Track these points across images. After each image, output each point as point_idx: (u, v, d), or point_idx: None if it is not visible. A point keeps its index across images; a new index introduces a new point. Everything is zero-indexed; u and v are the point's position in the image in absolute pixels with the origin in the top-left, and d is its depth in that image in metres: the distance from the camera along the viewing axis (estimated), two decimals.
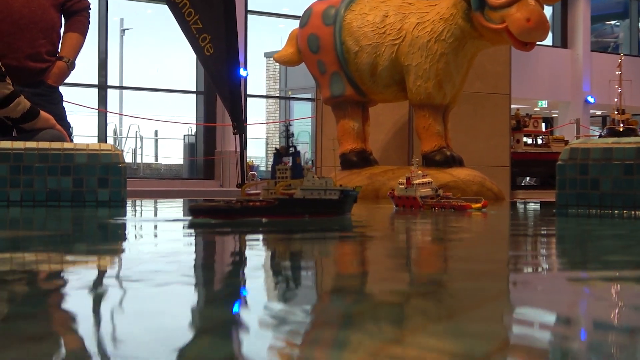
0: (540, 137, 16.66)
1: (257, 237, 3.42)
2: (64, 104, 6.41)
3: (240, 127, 8.57)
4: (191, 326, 1.40)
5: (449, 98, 8.42)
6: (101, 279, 1.99)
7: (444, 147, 8.45)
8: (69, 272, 2.11)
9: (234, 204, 3.79)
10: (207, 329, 1.35)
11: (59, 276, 2.04)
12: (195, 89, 23.69)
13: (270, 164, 4.72)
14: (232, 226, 3.69)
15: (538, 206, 7.36)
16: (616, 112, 21.06)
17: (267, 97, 32.68)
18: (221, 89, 8.80)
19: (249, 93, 24.17)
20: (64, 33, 6.33)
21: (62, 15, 6.31)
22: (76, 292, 1.74)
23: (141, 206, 6.26)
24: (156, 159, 26.25)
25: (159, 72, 28.94)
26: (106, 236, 3.46)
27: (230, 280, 2.03)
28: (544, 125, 18.09)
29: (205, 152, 23.07)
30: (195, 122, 23.55)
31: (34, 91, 5.91)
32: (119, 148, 5.64)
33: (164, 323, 1.39)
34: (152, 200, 8.07)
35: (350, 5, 8.74)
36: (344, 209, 4.03)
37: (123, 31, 28.30)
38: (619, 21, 36.17)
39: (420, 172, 5.43)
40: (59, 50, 6.26)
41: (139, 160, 25.07)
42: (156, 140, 26.60)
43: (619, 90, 22.29)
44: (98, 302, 1.63)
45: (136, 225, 4.10)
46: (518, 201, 9.33)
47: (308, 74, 9.38)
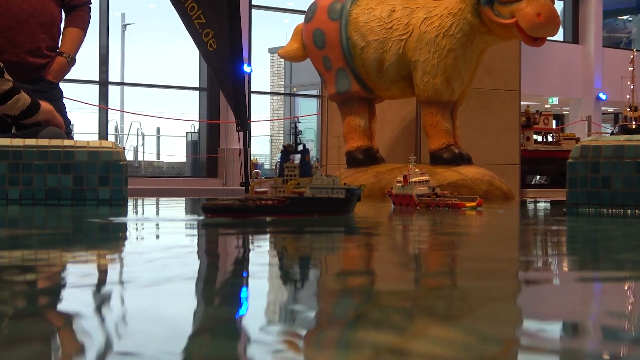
0: (551, 134, 16.65)
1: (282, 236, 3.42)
2: (64, 100, 6.42)
3: (243, 124, 8.57)
4: (196, 325, 1.40)
5: (457, 94, 8.41)
6: (105, 278, 1.99)
7: (452, 144, 8.44)
8: (69, 272, 2.11)
9: (248, 203, 3.82)
10: (209, 328, 1.35)
11: (59, 276, 2.04)
12: (198, 86, 23.70)
13: (274, 162, 4.73)
14: (250, 225, 3.69)
15: (548, 205, 7.35)
16: (628, 109, 21.01)
17: (271, 93, 32.68)
18: (224, 85, 8.80)
19: (253, 89, 24.18)
20: (64, 28, 6.33)
21: (63, 10, 6.31)
22: (76, 291, 1.75)
23: (143, 205, 6.27)
24: (158, 157, 26.27)
25: (161, 68, 28.97)
26: (112, 235, 3.46)
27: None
28: (554, 123, 18.08)
29: (208, 150, 23.08)
30: (198, 119, 23.56)
31: (33, 87, 5.92)
32: (120, 145, 5.64)
33: (167, 322, 1.39)
34: (154, 199, 8.07)
35: (357, 0, 8.74)
36: (349, 208, 4.07)
37: (124, 26, 28.32)
38: (631, 16, 36.12)
39: (418, 170, 5.46)
40: (59, 45, 6.26)
41: (140, 158, 25.08)
42: (158, 138, 26.62)
43: (632, 87, 22.24)
44: (100, 301, 1.63)
45: (151, 224, 4.10)
46: (528, 200, 9.32)
47: (313, 70, 9.38)
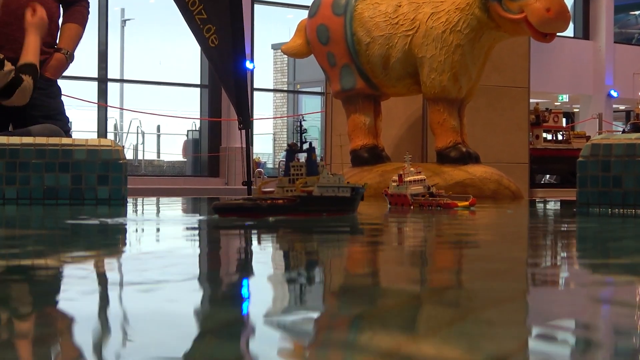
0: (561, 132, 16.62)
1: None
2: (63, 97, 6.42)
3: (246, 122, 8.57)
4: (199, 326, 1.40)
5: (465, 92, 8.41)
6: (105, 280, 2.00)
7: (460, 143, 8.44)
8: (69, 273, 2.12)
9: (260, 202, 3.87)
10: (213, 329, 1.36)
11: (60, 276, 2.05)
12: (199, 83, 23.70)
13: (278, 160, 4.77)
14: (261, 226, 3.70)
15: (558, 205, 7.35)
16: None
17: (274, 90, 32.67)
18: (226, 82, 8.80)
19: (255, 86, 24.17)
20: (62, 24, 6.33)
21: (61, 5, 6.32)
22: (78, 292, 1.75)
23: (143, 204, 6.28)
24: (158, 156, 26.27)
25: (162, 64, 28.98)
26: (112, 237, 3.47)
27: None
28: (564, 121, 18.06)
29: (210, 149, 23.07)
30: (199, 117, 23.56)
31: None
32: (119, 144, 5.65)
33: (170, 322, 1.40)
34: (154, 199, 8.08)
35: None
36: (355, 206, 4.13)
37: (124, 22, 28.32)
38: None
39: (413, 169, 5.49)
40: (57, 41, 6.27)
41: (140, 157, 25.08)
42: (158, 136, 26.62)
43: None
44: (104, 301, 1.64)
45: (152, 225, 4.11)
46: (537, 200, 9.32)
47: (317, 66, 9.38)
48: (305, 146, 4.03)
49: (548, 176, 19.34)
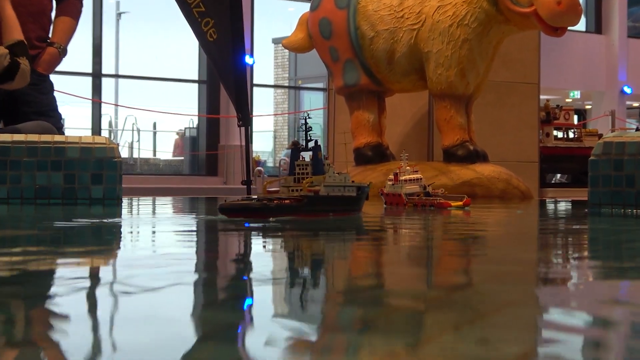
0: (572, 130, 16.60)
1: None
2: (55, 93, 6.43)
3: (245, 119, 8.56)
4: (198, 331, 1.40)
5: (473, 88, 8.41)
6: (101, 283, 2.00)
7: (467, 140, 8.44)
8: (59, 275, 2.12)
9: (268, 203, 3.92)
10: (212, 333, 1.36)
11: (50, 279, 2.05)
12: (197, 78, 23.71)
13: (278, 159, 4.79)
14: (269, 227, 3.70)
15: (569, 205, 7.34)
16: None
17: (275, 86, 32.68)
18: (225, 77, 8.79)
19: (255, 82, 24.18)
20: (55, 17, 6.33)
21: None
22: (73, 295, 1.75)
23: (138, 204, 6.28)
24: (154, 154, 26.27)
25: (158, 59, 28.98)
26: (107, 238, 3.47)
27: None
28: (576, 118, 18.04)
29: (208, 147, 23.08)
30: (197, 114, 23.57)
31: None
32: (114, 141, 5.65)
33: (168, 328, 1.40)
34: (150, 198, 8.09)
35: None
36: (360, 206, 4.20)
37: (119, 15, 28.33)
38: None
39: (409, 167, 5.52)
40: (50, 35, 6.27)
41: (135, 155, 25.09)
42: (155, 134, 26.62)
43: None
44: (95, 306, 1.64)
45: (148, 225, 4.11)
46: (547, 200, 9.32)
47: (319, 61, 9.39)
48: (311, 144, 4.06)
49: (559, 175, 19.33)
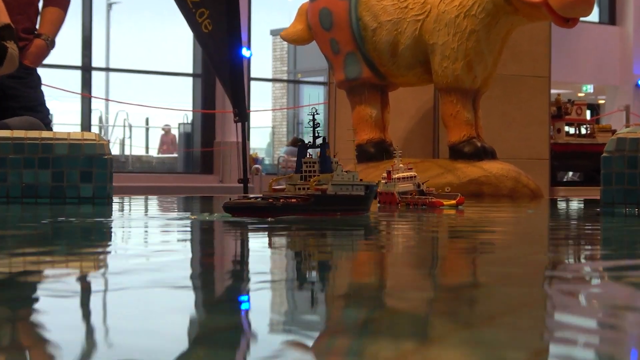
0: (584, 126, 16.62)
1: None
2: (43, 87, 6.43)
3: (242, 114, 8.57)
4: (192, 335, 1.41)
5: (480, 81, 8.41)
6: (91, 286, 2.00)
7: (474, 137, 8.45)
8: (46, 278, 2.12)
9: (274, 202, 3.95)
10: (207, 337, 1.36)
11: (36, 282, 2.05)
12: (191, 72, 23.71)
13: (276, 156, 4.82)
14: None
15: (581, 205, 7.35)
16: None
17: (273, 80, 32.68)
18: (221, 71, 8.80)
19: (252, 76, 24.18)
20: (42, 7, 6.33)
21: None
22: (60, 299, 1.75)
23: (130, 204, 6.28)
24: (147, 151, 26.28)
25: (151, 52, 28.98)
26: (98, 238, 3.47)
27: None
28: (588, 113, 18.04)
29: (203, 143, 23.09)
30: (191, 109, 23.58)
31: (8, 73, 5.93)
32: (104, 138, 5.65)
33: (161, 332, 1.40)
34: (143, 197, 8.09)
35: None
36: (369, 205, 4.26)
37: (110, 5, 28.34)
38: None
39: (403, 165, 5.54)
40: (37, 26, 6.27)
41: (127, 152, 25.10)
42: (147, 130, 26.64)
43: None
44: (85, 310, 1.64)
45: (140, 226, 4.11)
46: (558, 199, 9.32)
47: (319, 54, 9.39)
48: (319, 141, 4.11)
49: (571, 173, 19.34)
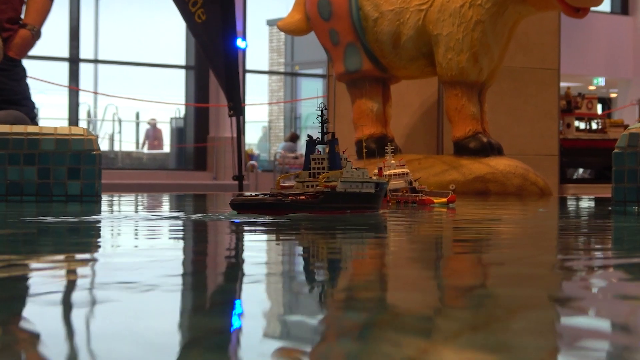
0: (596, 120, 16.63)
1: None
2: (28, 80, 6.43)
3: (237, 108, 8.58)
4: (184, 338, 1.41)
5: (486, 74, 8.41)
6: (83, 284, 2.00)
7: (480, 132, 8.44)
8: (31, 281, 2.12)
9: (282, 198, 4.01)
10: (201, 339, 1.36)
11: (19, 285, 2.05)
12: (184, 64, 23.71)
13: (273, 152, 4.84)
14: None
15: (591, 203, 7.35)
16: None
17: (269, 73, 32.69)
18: (215, 63, 8.80)
19: (248, 68, 24.19)
20: None
21: None
22: (47, 304, 1.76)
23: (119, 202, 6.28)
24: (137, 147, 26.28)
25: (141, 42, 28.98)
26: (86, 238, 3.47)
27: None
28: (599, 107, 18.05)
29: (196, 139, 23.10)
30: (184, 103, 23.58)
31: None
32: (92, 133, 5.65)
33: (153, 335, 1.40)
34: (133, 195, 8.09)
35: None
36: (379, 203, 4.34)
37: None
38: None
39: (394, 161, 5.56)
40: (23, 16, 6.27)
41: (116, 148, 25.11)
42: (137, 124, 26.63)
43: None
44: (79, 313, 1.64)
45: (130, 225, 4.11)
46: (568, 197, 9.32)
47: (318, 45, 9.38)
48: (327, 137, 4.17)
49: (581, 170, 19.35)
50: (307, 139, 4.23)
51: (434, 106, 10.09)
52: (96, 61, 25.62)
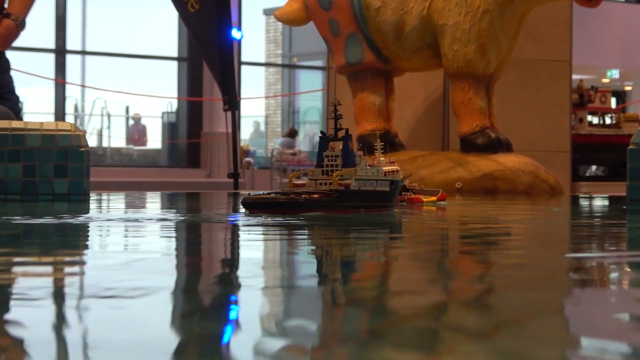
0: (609, 115, 16.62)
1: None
2: (12, 72, 6.43)
3: (232, 102, 8.58)
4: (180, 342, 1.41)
5: (494, 66, 8.41)
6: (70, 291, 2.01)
7: (488, 127, 8.44)
8: (17, 285, 2.13)
9: (296, 197, 4.07)
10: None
11: (10, 289, 2.05)
12: (176, 55, 23.71)
13: (270, 148, 4.88)
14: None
15: (605, 202, 7.35)
16: None
17: (266, 65, 32.69)
18: (209, 54, 8.81)
19: (243, 60, 24.18)
20: None
21: None
22: (36, 308, 1.76)
23: (108, 200, 6.28)
24: (127, 143, 26.28)
25: (132, 33, 28.99)
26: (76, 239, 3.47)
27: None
28: (613, 101, 18.05)
29: (189, 134, 23.09)
30: (176, 97, 23.58)
31: None
32: (80, 128, 5.65)
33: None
34: (122, 194, 8.09)
35: None
36: (394, 202, 4.43)
37: None
38: None
39: (384, 158, 5.57)
40: (6, 6, 6.27)
41: (105, 144, 25.10)
42: (127, 119, 26.63)
43: None
44: (61, 321, 1.64)
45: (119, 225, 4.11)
46: (580, 195, 9.32)
47: (317, 36, 9.38)
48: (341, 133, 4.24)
49: (594, 167, 19.35)
50: (320, 135, 4.28)
51: (439, 100, 10.09)
52: (84, 52, 25.61)
